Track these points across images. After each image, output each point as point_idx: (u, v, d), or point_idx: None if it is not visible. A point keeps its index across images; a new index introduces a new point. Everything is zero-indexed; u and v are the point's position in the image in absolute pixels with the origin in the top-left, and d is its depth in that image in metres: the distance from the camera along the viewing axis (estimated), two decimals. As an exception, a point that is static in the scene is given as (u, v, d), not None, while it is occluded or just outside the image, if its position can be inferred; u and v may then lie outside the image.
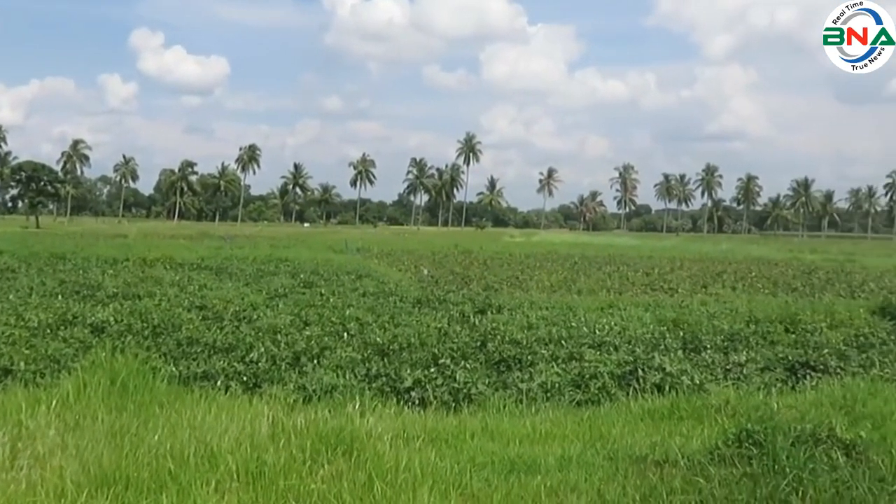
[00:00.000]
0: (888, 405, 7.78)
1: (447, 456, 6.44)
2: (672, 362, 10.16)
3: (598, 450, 6.71)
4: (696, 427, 7.37)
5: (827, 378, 9.91)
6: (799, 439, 6.10)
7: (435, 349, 11.00)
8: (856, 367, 10.78)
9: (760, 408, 7.38)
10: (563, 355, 10.93)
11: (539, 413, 8.46)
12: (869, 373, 10.26)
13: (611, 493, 5.65)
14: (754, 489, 5.51)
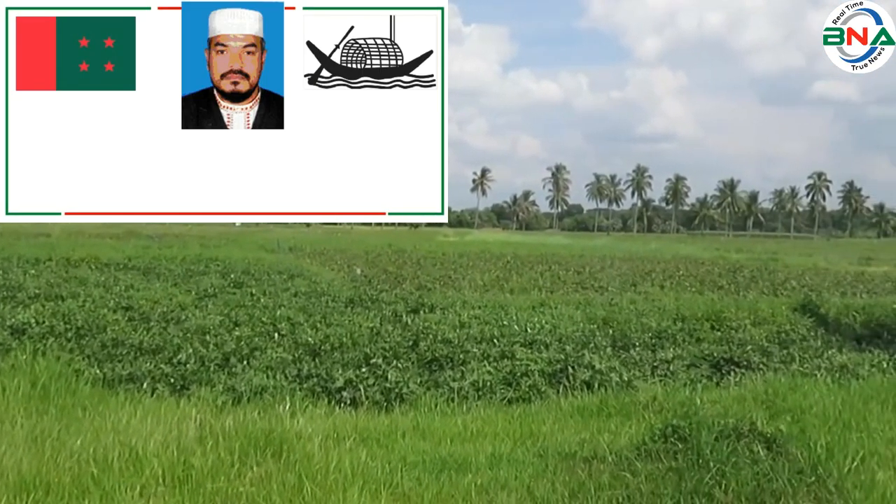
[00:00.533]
0: (807, 399, 8.03)
1: (378, 456, 6.44)
2: (602, 360, 10.32)
3: (528, 447, 6.79)
4: (625, 423, 7.50)
5: (750, 374, 10.18)
6: (722, 434, 6.26)
7: (367, 349, 10.98)
8: (777, 362, 11.11)
9: (686, 404, 7.55)
10: (495, 354, 11.01)
11: (470, 411, 8.52)
12: (790, 368, 10.58)
13: (540, 490, 5.73)
14: (679, 483, 5.65)
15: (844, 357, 11.44)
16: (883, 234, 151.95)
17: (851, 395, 8.52)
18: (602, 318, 14.18)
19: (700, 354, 11.37)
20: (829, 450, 6.23)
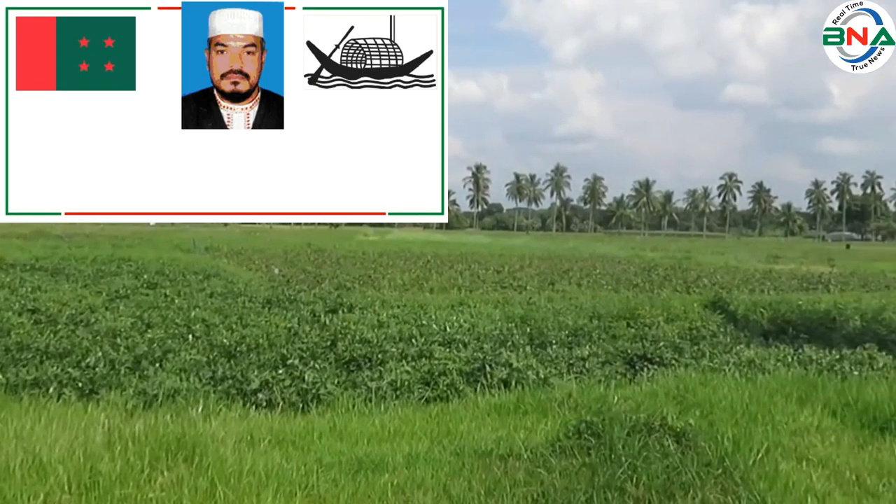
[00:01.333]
0: (716, 393, 8.26)
1: (294, 458, 6.37)
2: (519, 358, 10.42)
3: (445, 446, 6.80)
4: (541, 420, 7.58)
5: (663, 370, 10.43)
6: (634, 429, 6.39)
7: (284, 350, 10.86)
8: (689, 358, 11.40)
9: (600, 400, 7.67)
10: (414, 353, 11.02)
11: (388, 411, 8.49)
12: (700, 364, 10.87)
13: (456, 489, 5.74)
14: (592, 478, 5.74)
15: (752, 352, 11.82)
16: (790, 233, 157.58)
17: (758, 389, 8.79)
18: (520, 317, 14.34)
19: (615, 351, 11.60)
20: (735, 442, 6.42)
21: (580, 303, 17.06)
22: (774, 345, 12.89)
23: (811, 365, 10.95)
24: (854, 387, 8.97)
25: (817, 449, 6.97)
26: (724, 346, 12.74)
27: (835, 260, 42.99)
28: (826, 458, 6.73)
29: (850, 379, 9.76)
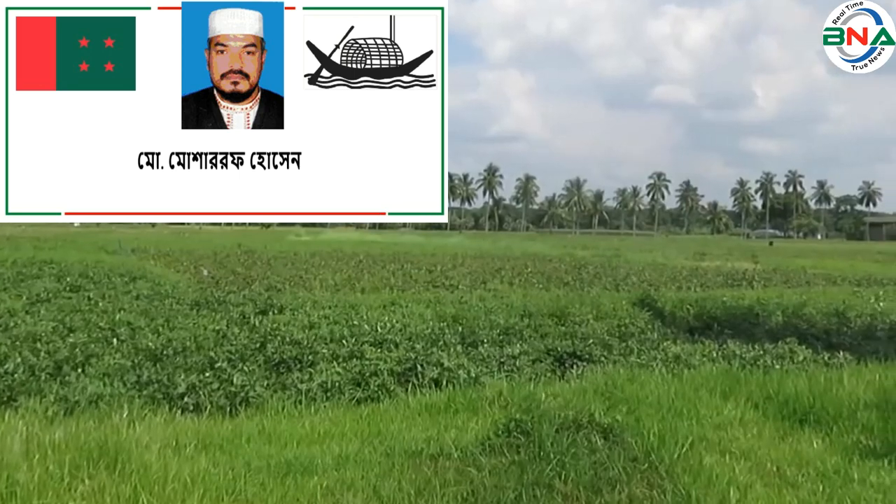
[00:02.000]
0: (643, 389, 8.41)
1: (221, 462, 6.27)
2: (450, 357, 10.45)
3: (375, 447, 6.78)
4: (471, 419, 7.61)
5: (592, 366, 10.57)
6: (563, 426, 6.48)
7: (212, 352, 10.68)
8: (617, 355, 11.59)
9: (529, 398, 7.74)
10: (345, 354, 10.96)
11: (318, 413, 8.42)
12: (628, 360, 11.06)
13: (386, 489, 5.73)
14: (521, 476, 5.79)
15: (678, 348, 12.07)
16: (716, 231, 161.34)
17: (683, 384, 8.98)
18: (452, 316, 14.38)
19: (545, 349, 11.71)
20: (661, 437, 6.54)
21: (511, 301, 17.18)
22: (700, 340, 13.18)
23: (735, 359, 11.23)
24: (775, 380, 9.23)
25: (740, 441, 7.14)
26: (652, 342, 12.97)
27: (758, 257, 44.20)
28: (748, 450, 6.91)
29: (771, 373, 10.04)
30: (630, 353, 11.73)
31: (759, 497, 5.81)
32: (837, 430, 7.65)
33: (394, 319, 13.70)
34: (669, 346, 12.38)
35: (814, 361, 11.40)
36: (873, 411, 7.98)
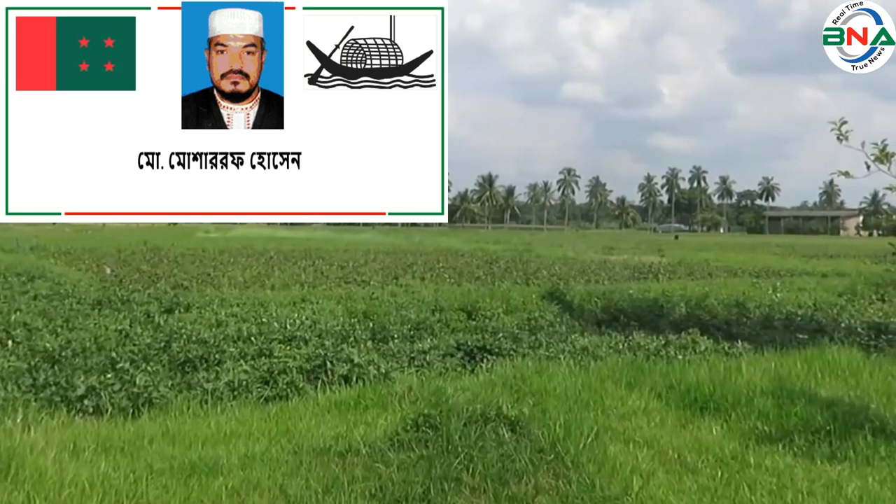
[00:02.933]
0: (551, 381, 8.54)
1: (122, 465, 6.10)
2: (360, 353, 10.40)
3: (283, 445, 6.70)
4: (381, 415, 7.60)
5: (501, 360, 10.67)
6: (471, 419, 6.50)
7: (114, 353, 10.37)
8: (526, 348, 11.73)
9: (438, 392, 7.76)
10: (253, 352, 10.79)
11: (225, 412, 8.27)
12: (537, 353, 11.21)
13: (294, 488, 5.67)
14: (429, 470, 5.80)
15: (586, 340, 12.30)
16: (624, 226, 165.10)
17: (590, 375, 9.16)
18: (363, 312, 14.33)
19: (455, 344, 11.77)
20: (567, 428, 6.65)
21: (423, 296, 17.21)
22: (607, 332, 13.47)
23: (640, 351, 11.51)
24: (678, 370, 9.51)
25: (643, 430, 7.33)
26: (561, 335, 13.18)
27: (664, 250, 45.26)
28: (651, 438, 7.09)
29: (674, 363, 10.34)
30: (539, 346, 11.89)
31: (660, 484, 5.97)
32: (736, 416, 7.92)
33: (304, 316, 13.57)
34: (577, 338, 12.60)
35: (715, 351, 11.77)
36: (769, 398, 8.30)
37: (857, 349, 11.60)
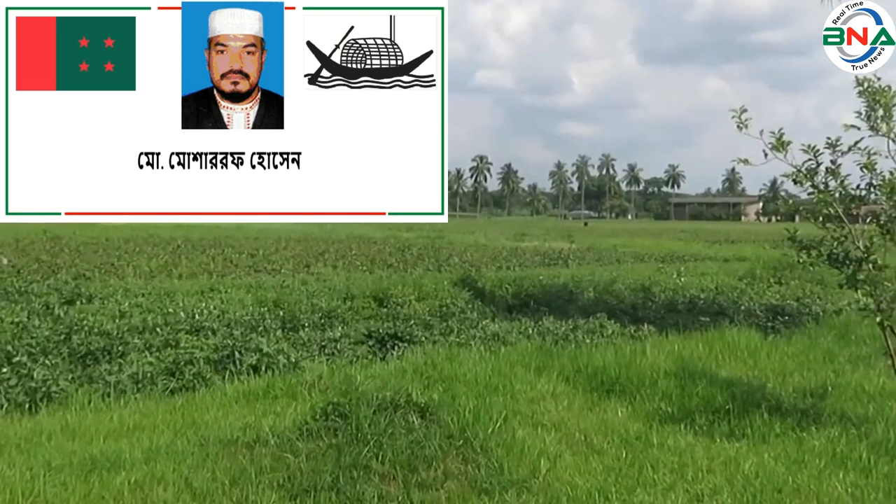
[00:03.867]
0: (461, 367, 8.60)
1: (17, 462, 5.90)
2: (270, 342, 10.26)
3: (188, 437, 6.57)
4: (290, 405, 7.52)
5: (412, 347, 10.68)
6: (380, 407, 6.52)
7: (10, 346, 9.94)
8: (438, 335, 11.76)
9: (347, 380, 7.73)
10: (158, 343, 10.52)
11: (128, 406, 8.05)
12: (448, 339, 11.26)
13: (199, 480, 5.58)
14: (339, 458, 5.80)
15: (497, 326, 12.43)
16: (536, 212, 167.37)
17: (500, 360, 9.27)
18: (273, 301, 14.12)
19: (367, 331, 11.73)
20: (476, 413, 6.72)
21: (334, 284, 17.08)
22: (518, 318, 13.62)
23: (549, 335, 11.70)
24: (586, 354, 9.71)
25: (552, 414, 7.46)
26: (472, 321, 13.26)
27: (574, 237, 46.15)
28: (559, 421, 7.22)
29: (582, 347, 10.56)
30: (450, 333, 11.94)
31: (567, 466, 6.09)
32: (640, 398, 8.14)
33: (211, 306, 13.31)
34: (488, 324, 12.72)
35: (621, 335, 12.05)
36: (672, 379, 8.56)
37: (756, 331, 12.07)
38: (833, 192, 7.79)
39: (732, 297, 16.33)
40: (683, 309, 15.22)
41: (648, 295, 16.57)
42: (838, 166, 7.80)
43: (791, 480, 5.84)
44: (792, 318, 13.71)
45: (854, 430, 7.02)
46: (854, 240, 7.64)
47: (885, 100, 7.37)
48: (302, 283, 17.72)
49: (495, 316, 14.08)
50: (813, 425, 7.18)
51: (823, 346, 11.01)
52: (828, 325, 12.68)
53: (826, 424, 7.22)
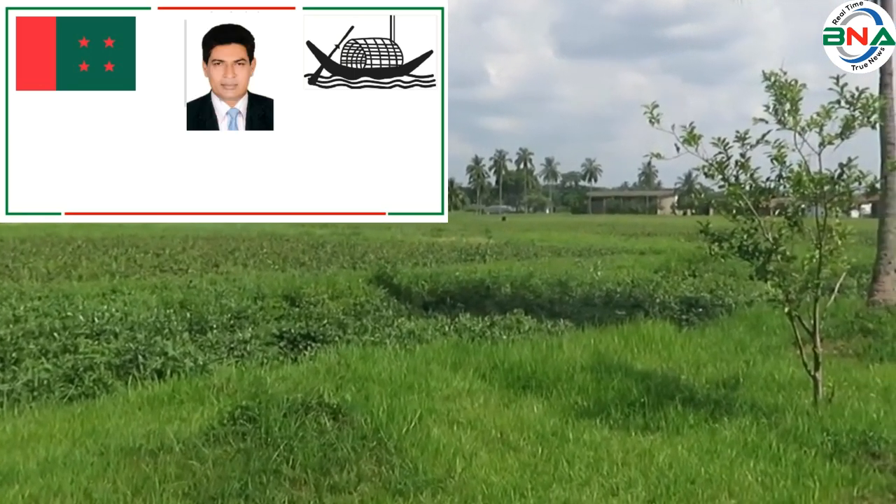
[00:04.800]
0: (375, 367, 8.56)
1: None
2: (176, 345, 10.07)
3: (88, 447, 6.37)
4: (196, 410, 7.36)
5: (325, 347, 10.61)
6: (291, 409, 6.43)
7: None
8: (352, 334, 11.73)
9: (256, 383, 7.62)
10: (56, 349, 10.20)
11: (23, 415, 7.78)
12: (362, 338, 11.23)
13: (100, 491, 5.42)
14: (247, 464, 5.71)
15: (412, 324, 12.46)
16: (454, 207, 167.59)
17: (415, 358, 9.26)
18: (179, 302, 13.87)
19: (278, 332, 11.61)
20: (390, 413, 6.69)
21: (244, 284, 16.85)
22: (434, 315, 13.69)
23: (466, 332, 11.77)
24: (502, 350, 9.79)
25: (467, 411, 7.49)
26: (387, 319, 13.26)
27: (492, 231, 46.57)
28: (475, 419, 7.26)
29: (499, 343, 10.64)
30: (364, 332, 11.91)
31: (483, 464, 6.13)
32: (556, 393, 8.25)
33: (114, 308, 12.98)
34: (404, 322, 12.74)
35: (538, 330, 12.22)
36: (588, 373, 8.70)
37: (671, 323, 12.38)
38: (743, 185, 8.02)
39: (648, 290, 16.73)
40: (600, 303, 15.52)
41: (565, 289, 16.85)
42: (748, 159, 8.03)
43: (703, 471, 6.00)
44: (705, 309, 14.13)
45: (764, 420, 7.26)
46: (764, 232, 7.88)
47: (792, 94, 7.61)
48: (210, 283, 17.42)
49: (411, 313, 14.12)
50: (725, 416, 7.39)
51: (735, 336, 11.35)
52: (740, 317, 13.09)
53: (737, 414, 7.44)
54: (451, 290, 16.48)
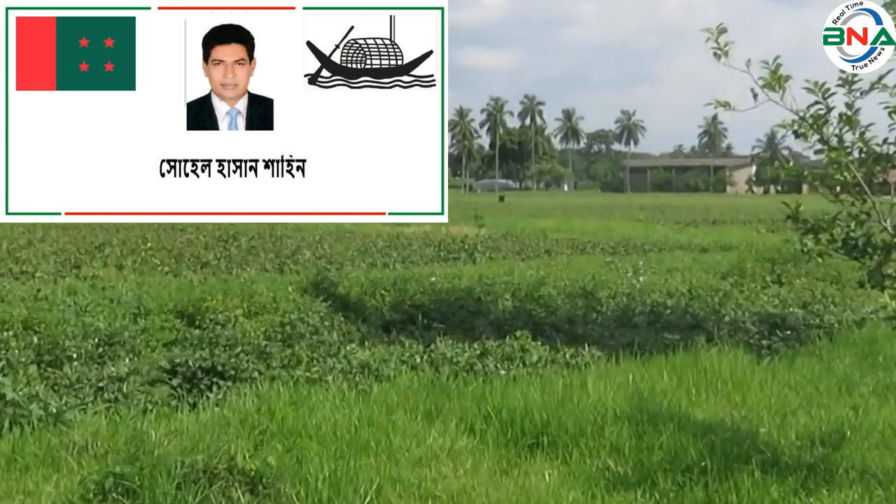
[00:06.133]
0: (313, 416, 8.60)
1: None
2: (17, 385, 10.02)
3: None
4: (49, 478, 7.38)
5: (240, 386, 10.58)
6: (188, 479, 6.44)
7: None
8: (278, 367, 11.70)
9: (139, 440, 7.61)
10: None
11: None
12: (294, 374, 11.20)
13: None
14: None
15: (368, 353, 12.43)
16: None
17: (371, 404, 9.29)
18: (22, 320, 13.77)
19: (169, 365, 11.57)
20: (335, 484, 6.72)
21: (120, 294, 16.77)
22: (399, 340, 13.67)
23: (446, 365, 11.75)
24: (499, 391, 9.83)
25: (448, 481, 7.52)
26: (330, 346, 13.23)
27: (484, 217, 46.35)
28: (459, 492, 7.30)
29: (494, 381, 10.64)
30: (297, 365, 11.89)
31: (472, 559, 6.15)
32: (579, 454, 8.29)
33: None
34: (355, 350, 12.69)
35: (552, 361, 12.22)
36: (625, 425, 8.74)
37: (745, 352, 12.43)
38: (850, 149, 8.05)
39: (712, 303, 16.76)
40: (642, 322, 15.54)
41: (592, 303, 16.86)
42: (857, 111, 8.08)
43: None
44: (796, 332, 14.18)
45: (880, 491, 7.31)
46: (880, 218, 7.87)
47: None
48: (69, 293, 17.30)
49: (365, 337, 14.10)
50: (824, 486, 7.44)
51: (839, 372, 11.42)
52: (845, 342, 13.17)
53: (842, 484, 7.49)
54: (425, 304, 16.44)
